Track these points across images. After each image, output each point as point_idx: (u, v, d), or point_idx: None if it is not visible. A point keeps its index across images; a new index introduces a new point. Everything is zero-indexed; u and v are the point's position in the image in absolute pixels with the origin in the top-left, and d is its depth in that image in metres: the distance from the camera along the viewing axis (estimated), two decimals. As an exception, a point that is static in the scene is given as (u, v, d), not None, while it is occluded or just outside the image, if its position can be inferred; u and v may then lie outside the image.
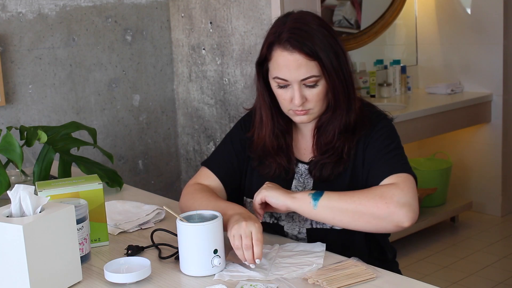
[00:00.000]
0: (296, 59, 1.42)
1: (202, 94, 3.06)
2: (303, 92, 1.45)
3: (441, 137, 3.98)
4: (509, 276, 3.11)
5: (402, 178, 1.41)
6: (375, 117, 1.53)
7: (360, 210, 1.36)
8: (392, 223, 1.36)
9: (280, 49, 1.44)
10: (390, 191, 1.37)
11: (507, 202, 3.97)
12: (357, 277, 1.25)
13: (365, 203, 1.36)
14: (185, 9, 3.04)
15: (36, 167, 1.88)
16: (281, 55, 1.44)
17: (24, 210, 1.25)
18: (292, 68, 1.43)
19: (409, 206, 1.36)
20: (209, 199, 1.51)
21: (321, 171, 1.51)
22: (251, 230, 1.31)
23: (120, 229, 1.63)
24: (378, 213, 1.35)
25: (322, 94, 1.46)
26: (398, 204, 1.35)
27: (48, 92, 2.78)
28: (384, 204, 1.35)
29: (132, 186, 2.20)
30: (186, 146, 3.23)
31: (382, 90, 3.95)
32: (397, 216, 1.35)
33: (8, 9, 2.64)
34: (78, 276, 1.31)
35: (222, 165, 1.62)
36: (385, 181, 1.42)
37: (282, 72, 1.45)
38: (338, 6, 3.99)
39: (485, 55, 3.89)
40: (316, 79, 1.44)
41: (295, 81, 1.44)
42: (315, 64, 1.43)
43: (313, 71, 1.43)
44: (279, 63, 1.45)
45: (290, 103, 1.47)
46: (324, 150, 1.51)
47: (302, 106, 1.46)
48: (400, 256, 1.73)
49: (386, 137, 1.49)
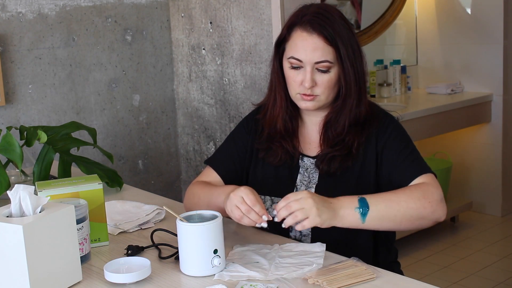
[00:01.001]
0: (314, 41, 1.46)
1: (202, 94, 3.06)
2: (314, 76, 1.48)
3: (441, 137, 3.98)
4: (509, 276, 3.11)
5: (431, 177, 1.47)
6: (383, 116, 1.56)
7: (408, 213, 1.39)
8: (433, 220, 1.42)
9: (301, 29, 1.48)
10: (429, 190, 1.42)
11: (507, 202, 3.97)
12: (357, 277, 1.25)
13: (413, 206, 1.39)
14: (185, 9, 3.04)
15: (36, 167, 1.88)
16: (300, 36, 1.48)
17: (24, 210, 1.25)
18: (309, 49, 1.46)
19: (443, 201, 1.44)
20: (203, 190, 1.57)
21: (329, 165, 1.52)
22: (241, 196, 1.35)
23: (120, 229, 1.63)
24: (424, 214, 1.40)
25: (332, 82, 1.49)
26: (438, 202, 1.42)
27: (48, 92, 2.78)
28: (429, 203, 1.40)
29: (132, 186, 2.20)
30: (186, 146, 3.23)
31: (382, 90, 3.95)
32: (438, 213, 1.41)
33: (8, 9, 2.64)
34: (78, 276, 1.31)
35: (224, 163, 1.65)
36: (415, 181, 1.46)
37: (298, 52, 1.48)
38: (338, 6, 3.98)
39: (485, 55, 3.88)
40: (329, 65, 1.47)
41: (309, 62, 1.47)
42: (331, 50, 1.47)
43: (328, 56, 1.47)
44: (296, 43, 1.49)
45: (299, 86, 1.50)
46: (333, 143, 1.53)
47: (311, 90, 1.49)
48: (400, 256, 1.73)
49: (401, 138, 1.54)
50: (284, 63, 1.54)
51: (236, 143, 1.66)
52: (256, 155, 1.62)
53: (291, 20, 1.52)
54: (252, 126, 1.66)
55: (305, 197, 1.32)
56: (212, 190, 1.56)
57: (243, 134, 1.66)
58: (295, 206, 1.32)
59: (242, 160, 1.64)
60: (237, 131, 1.69)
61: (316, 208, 1.32)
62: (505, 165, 3.91)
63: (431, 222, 1.42)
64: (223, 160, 1.65)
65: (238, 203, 1.35)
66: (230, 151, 1.66)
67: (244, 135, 1.66)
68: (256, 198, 1.35)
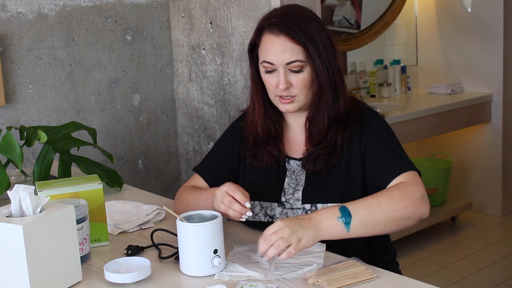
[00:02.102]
0: (282, 43, 1.47)
1: (202, 94, 3.06)
2: (288, 77, 1.49)
3: (441, 137, 3.98)
4: (509, 276, 3.11)
5: (412, 175, 1.46)
6: (367, 112, 1.56)
7: (391, 216, 1.38)
8: (416, 218, 1.41)
9: (268, 33, 1.49)
10: (409, 189, 1.41)
11: (507, 202, 3.97)
12: (357, 277, 1.25)
13: (395, 208, 1.38)
14: (185, 9, 3.04)
15: (36, 167, 1.88)
16: (268, 39, 1.49)
17: (24, 210, 1.25)
18: (278, 51, 1.47)
19: (425, 198, 1.43)
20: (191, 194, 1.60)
21: (315, 164, 1.52)
22: (224, 190, 1.40)
23: (120, 229, 1.63)
24: (407, 214, 1.39)
25: (307, 81, 1.50)
26: (419, 200, 1.40)
27: (48, 92, 2.78)
28: (410, 203, 1.39)
29: (132, 186, 2.20)
30: (186, 146, 3.23)
31: (382, 90, 3.95)
32: (421, 211, 1.40)
33: (8, 9, 2.64)
34: (78, 276, 1.31)
35: (211, 169, 1.67)
36: (395, 180, 1.45)
37: (269, 56, 1.49)
38: (338, 6, 3.99)
39: (485, 55, 3.88)
40: (301, 64, 1.48)
41: (280, 64, 1.48)
42: (300, 49, 1.47)
43: (299, 56, 1.47)
44: (266, 47, 1.50)
45: (276, 88, 1.51)
46: (317, 141, 1.53)
47: (287, 92, 1.49)
48: (400, 256, 1.73)
49: (385, 135, 1.52)
50: (260, 68, 1.54)
51: (223, 150, 1.68)
52: (244, 161, 1.64)
53: (259, 24, 1.53)
54: (238, 132, 1.67)
55: (280, 227, 1.29)
56: (200, 193, 1.58)
57: (229, 141, 1.68)
58: (273, 238, 1.29)
59: (229, 167, 1.65)
60: (224, 138, 1.70)
61: (296, 234, 1.29)
62: (505, 165, 3.91)
63: (415, 221, 1.41)
64: (211, 167, 1.67)
65: (221, 198, 1.40)
66: (217, 158, 1.67)
67: (231, 141, 1.67)
68: (238, 188, 1.40)
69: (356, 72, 4.05)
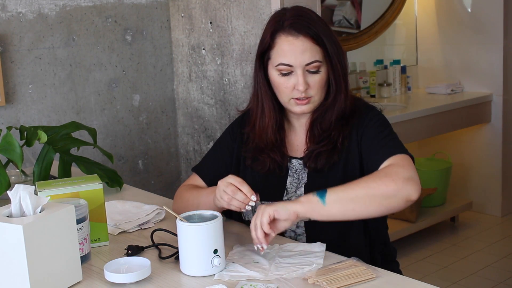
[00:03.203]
0: (302, 43, 1.47)
1: (202, 94, 3.06)
2: (306, 78, 1.48)
3: (441, 137, 3.98)
4: (509, 276, 3.11)
5: (400, 157, 1.44)
6: (365, 108, 1.56)
7: (370, 193, 1.35)
8: (402, 199, 1.36)
9: (285, 34, 1.48)
10: (393, 169, 1.39)
11: (507, 202, 3.97)
12: (357, 277, 1.25)
13: (373, 185, 1.36)
14: (185, 9, 3.04)
15: (36, 167, 1.88)
16: (286, 41, 1.48)
17: (24, 210, 1.25)
18: (298, 52, 1.46)
19: (413, 179, 1.38)
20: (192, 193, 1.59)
21: (316, 161, 1.52)
22: (228, 181, 1.39)
23: (120, 229, 1.63)
24: (388, 192, 1.35)
25: (323, 81, 1.50)
26: (404, 179, 1.37)
27: (48, 92, 2.78)
28: (391, 181, 1.36)
29: (132, 186, 2.20)
30: (186, 146, 3.23)
31: (382, 90, 3.95)
32: (405, 191, 1.36)
33: (8, 9, 2.64)
34: (78, 276, 1.31)
35: (210, 170, 1.66)
36: (385, 163, 1.44)
37: (287, 57, 1.47)
38: (338, 6, 3.99)
39: (485, 55, 3.88)
40: (319, 64, 1.48)
41: (299, 66, 1.47)
42: (319, 50, 1.48)
43: (317, 56, 1.48)
44: (283, 49, 1.48)
45: (292, 91, 1.50)
46: (319, 139, 1.53)
47: (305, 93, 1.49)
48: (400, 256, 1.73)
49: (378, 125, 1.52)
50: (270, 71, 1.52)
51: (222, 150, 1.67)
52: (244, 162, 1.63)
53: (272, 27, 1.50)
54: (237, 133, 1.66)
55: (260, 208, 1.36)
56: (200, 191, 1.58)
57: (229, 141, 1.67)
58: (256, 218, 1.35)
59: (228, 167, 1.64)
60: (223, 138, 1.69)
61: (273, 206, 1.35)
62: (505, 165, 3.91)
63: (401, 201, 1.36)
64: (210, 168, 1.66)
65: (225, 188, 1.39)
66: (216, 159, 1.67)
67: (230, 142, 1.66)
68: (241, 180, 1.39)
69: (356, 72, 4.05)
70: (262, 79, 1.55)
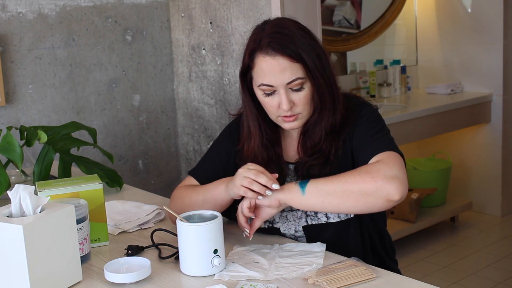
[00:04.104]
0: (280, 63, 1.42)
1: (202, 94, 3.06)
2: (290, 97, 1.45)
3: (441, 137, 3.98)
4: (509, 276, 3.11)
5: (387, 154, 1.40)
6: (359, 105, 1.53)
7: (347, 188, 1.35)
8: (381, 197, 1.34)
9: (262, 54, 1.43)
10: (376, 166, 1.37)
11: (507, 202, 3.97)
12: (357, 277, 1.25)
13: (351, 181, 1.35)
14: (185, 9, 3.04)
15: (36, 167, 1.88)
16: (263, 61, 1.43)
17: (24, 210, 1.25)
18: (277, 72, 1.42)
19: (397, 178, 1.34)
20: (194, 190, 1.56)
21: (308, 172, 1.50)
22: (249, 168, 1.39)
23: (120, 229, 1.63)
24: (366, 189, 1.34)
25: (308, 97, 1.47)
26: (385, 177, 1.33)
27: (48, 92, 2.78)
28: (371, 178, 1.34)
29: (132, 186, 2.20)
30: (186, 146, 3.23)
31: (382, 90, 3.95)
32: (385, 190, 1.33)
33: (8, 9, 2.64)
34: (78, 276, 1.31)
35: (207, 173, 1.62)
36: (371, 161, 1.42)
37: (267, 78, 1.44)
38: (338, 6, 3.99)
39: (485, 55, 3.89)
40: (301, 81, 1.44)
41: (281, 85, 1.44)
42: (299, 66, 1.43)
43: (298, 73, 1.43)
44: (263, 69, 1.44)
45: (278, 109, 1.47)
46: (311, 152, 1.51)
47: (291, 111, 1.46)
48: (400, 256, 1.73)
49: (370, 121, 1.49)
50: (256, 91, 1.50)
51: (219, 152, 1.64)
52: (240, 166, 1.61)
53: (249, 47, 1.47)
54: (235, 136, 1.63)
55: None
56: (204, 187, 1.54)
57: (226, 144, 1.64)
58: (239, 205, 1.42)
59: (225, 169, 1.60)
60: (219, 141, 1.67)
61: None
62: (505, 165, 3.91)
63: (381, 200, 1.34)
64: (206, 170, 1.63)
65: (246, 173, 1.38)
66: (213, 161, 1.63)
67: (228, 144, 1.64)
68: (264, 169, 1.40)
69: (356, 72, 4.05)
70: (246, 97, 1.53)
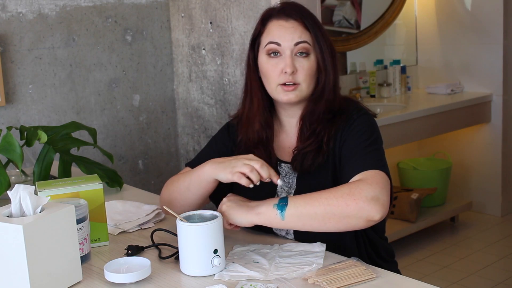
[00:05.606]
0: (292, 25, 1.49)
1: (202, 94, 3.06)
2: (294, 62, 1.49)
3: (441, 137, 3.98)
4: (509, 276, 3.11)
5: (371, 173, 1.39)
6: (355, 112, 1.52)
7: (329, 211, 1.33)
8: (362, 218, 1.33)
9: (276, 19, 1.51)
10: (358, 187, 1.35)
11: (507, 202, 3.97)
12: (357, 277, 1.25)
13: (334, 203, 1.33)
14: (185, 9, 3.04)
15: (36, 167, 1.88)
16: (276, 23, 1.51)
17: (24, 210, 1.25)
18: (288, 32, 1.49)
19: (377, 199, 1.33)
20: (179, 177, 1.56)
21: (303, 162, 1.50)
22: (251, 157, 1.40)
23: (120, 229, 1.63)
24: (347, 212, 1.33)
25: (312, 70, 1.50)
26: (366, 199, 1.32)
27: (48, 92, 2.78)
28: (353, 200, 1.32)
29: (132, 186, 2.20)
30: (186, 146, 3.23)
31: (382, 90, 3.95)
32: (366, 211, 1.32)
33: (8, 9, 2.64)
34: (78, 276, 1.31)
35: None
36: (354, 178, 1.40)
37: (276, 36, 1.49)
38: (338, 6, 3.99)
39: (485, 55, 3.89)
40: (308, 46, 1.49)
41: (288, 47, 1.48)
42: (309, 34, 1.50)
43: (307, 38, 1.49)
44: (273, 30, 1.51)
45: (279, 75, 1.49)
46: (307, 136, 1.51)
47: (292, 77, 1.48)
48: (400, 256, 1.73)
49: (363, 132, 1.48)
50: (260, 58, 1.53)
51: (217, 145, 1.65)
52: None
53: (264, 15, 1.55)
54: (234, 131, 1.64)
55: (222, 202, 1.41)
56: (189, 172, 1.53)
57: (225, 138, 1.65)
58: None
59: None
60: (219, 135, 1.68)
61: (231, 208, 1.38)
62: (505, 165, 3.91)
63: (361, 221, 1.33)
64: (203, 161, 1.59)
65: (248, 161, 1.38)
66: (211, 154, 1.62)
67: (227, 137, 1.65)
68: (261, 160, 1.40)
69: (356, 72, 4.05)
70: (252, 65, 1.56)
